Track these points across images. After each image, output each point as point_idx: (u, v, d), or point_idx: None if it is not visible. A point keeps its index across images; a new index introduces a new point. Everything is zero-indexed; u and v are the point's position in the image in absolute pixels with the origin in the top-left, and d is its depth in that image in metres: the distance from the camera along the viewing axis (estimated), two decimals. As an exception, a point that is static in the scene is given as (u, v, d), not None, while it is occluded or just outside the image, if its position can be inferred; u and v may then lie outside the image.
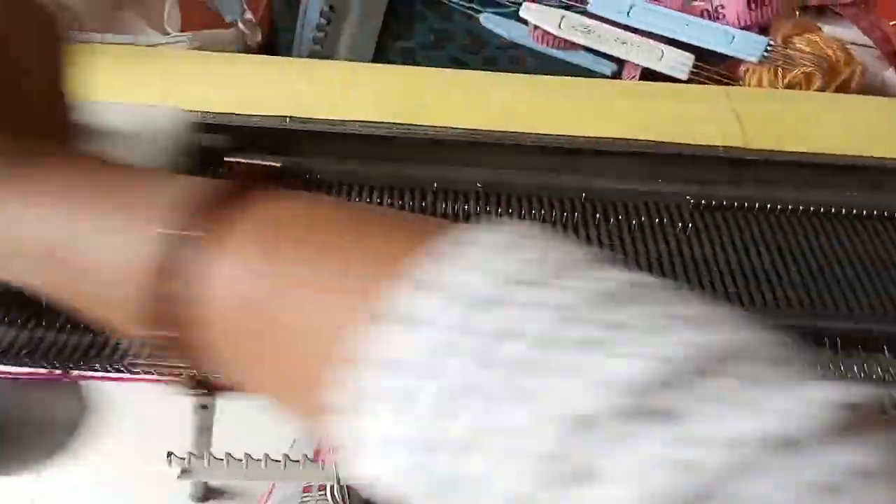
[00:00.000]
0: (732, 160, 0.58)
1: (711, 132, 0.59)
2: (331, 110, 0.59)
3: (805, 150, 0.58)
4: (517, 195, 0.57)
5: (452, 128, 0.58)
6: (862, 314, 0.50)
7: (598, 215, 0.55)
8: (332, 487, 0.64)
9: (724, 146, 0.58)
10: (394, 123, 0.58)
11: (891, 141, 0.59)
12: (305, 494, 0.64)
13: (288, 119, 0.58)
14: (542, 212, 0.55)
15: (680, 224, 0.55)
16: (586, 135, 0.58)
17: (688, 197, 0.57)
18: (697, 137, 0.58)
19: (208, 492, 1.17)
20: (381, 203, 0.55)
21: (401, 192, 0.56)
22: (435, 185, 0.57)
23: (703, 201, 0.57)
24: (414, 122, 0.58)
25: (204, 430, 0.83)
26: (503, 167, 0.59)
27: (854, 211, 0.57)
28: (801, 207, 0.57)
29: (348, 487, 0.62)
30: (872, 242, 0.55)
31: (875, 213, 0.57)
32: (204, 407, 1.02)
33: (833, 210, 0.57)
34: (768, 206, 0.57)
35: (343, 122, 0.58)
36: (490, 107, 0.61)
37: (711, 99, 0.64)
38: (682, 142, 0.58)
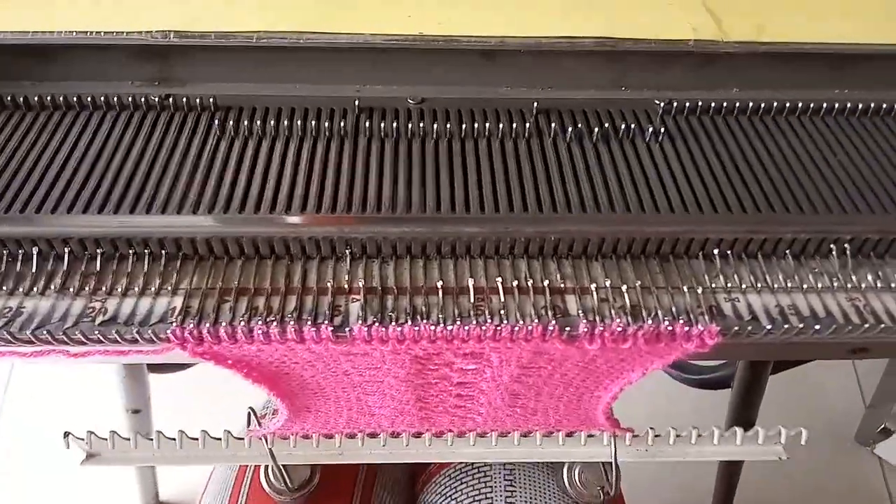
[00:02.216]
0: (707, 55, 0.49)
1: (679, 25, 0.50)
2: (223, 21, 0.49)
3: (790, 41, 0.49)
4: (456, 109, 0.47)
5: (373, 34, 0.48)
6: (863, 218, 0.42)
7: (553, 125, 0.46)
8: (266, 468, 0.55)
9: (695, 40, 0.49)
10: (301, 32, 0.48)
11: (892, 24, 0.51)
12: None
13: (171, 34, 0.47)
14: (487, 126, 0.46)
15: (650, 129, 0.46)
16: (531, 35, 0.49)
17: (657, 101, 0.49)
18: (662, 32, 0.49)
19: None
20: (290, 127, 0.45)
21: (317, 113, 0.46)
22: (357, 102, 0.47)
23: (674, 104, 0.48)
24: (326, 30, 0.48)
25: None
26: (438, 79, 0.49)
27: (849, 106, 0.49)
28: (787, 106, 0.48)
29: (285, 467, 0.53)
30: (875, 141, 0.47)
31: (872, 107, 0.49)
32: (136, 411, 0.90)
33: (826, 108, 0.49)
34: (750, 106, 0.48)
35: (240, 33, 0.48)
36: (419, 8, 0.51)
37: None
38: (645, 38, 0.49)
